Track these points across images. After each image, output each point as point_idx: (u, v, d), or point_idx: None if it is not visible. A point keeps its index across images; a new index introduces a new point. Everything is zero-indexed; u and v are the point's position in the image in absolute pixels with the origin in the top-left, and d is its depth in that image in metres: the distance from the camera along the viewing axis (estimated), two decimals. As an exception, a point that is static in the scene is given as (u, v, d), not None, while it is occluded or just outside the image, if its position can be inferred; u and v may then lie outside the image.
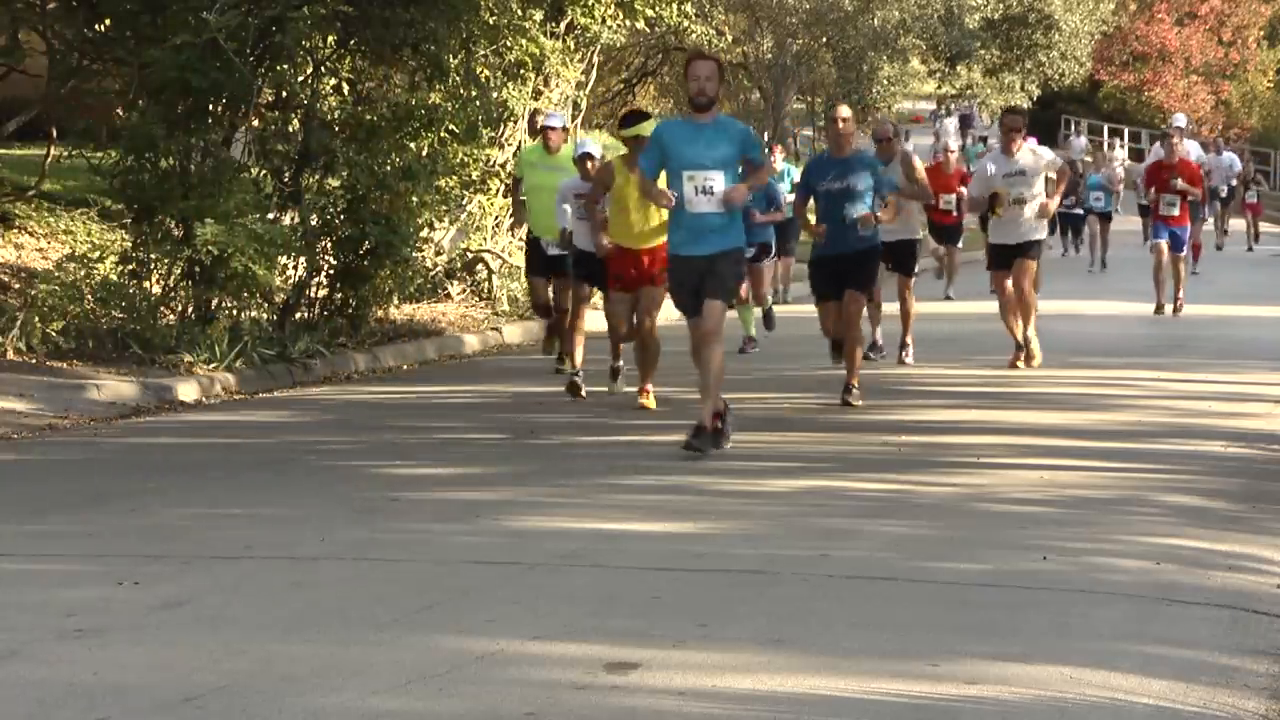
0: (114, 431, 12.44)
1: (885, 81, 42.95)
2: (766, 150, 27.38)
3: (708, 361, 10.77)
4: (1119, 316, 20.78)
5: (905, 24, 42.47)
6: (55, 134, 17.79)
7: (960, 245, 25.47)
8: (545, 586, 7.15)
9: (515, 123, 21.35)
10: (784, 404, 13.22)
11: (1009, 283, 15.52)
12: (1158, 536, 8.14)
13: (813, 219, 13.59)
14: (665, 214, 11.45)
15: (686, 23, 27.30)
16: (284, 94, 17.05)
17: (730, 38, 41.28)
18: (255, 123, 16.76)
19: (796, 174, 24.71)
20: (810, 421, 12.44)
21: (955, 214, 23.61)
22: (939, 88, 49.83)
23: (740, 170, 10.94)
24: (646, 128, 12.50)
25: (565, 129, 15.80)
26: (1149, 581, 7.22)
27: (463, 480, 9.49)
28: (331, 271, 17.10)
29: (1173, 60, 56.94)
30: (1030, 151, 15.61)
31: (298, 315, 16.78)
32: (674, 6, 23.07)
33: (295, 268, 16.94)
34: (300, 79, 17.06)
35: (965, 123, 51.70)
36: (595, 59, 23.56)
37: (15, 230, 17.70)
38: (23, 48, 17.42)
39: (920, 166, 16.11)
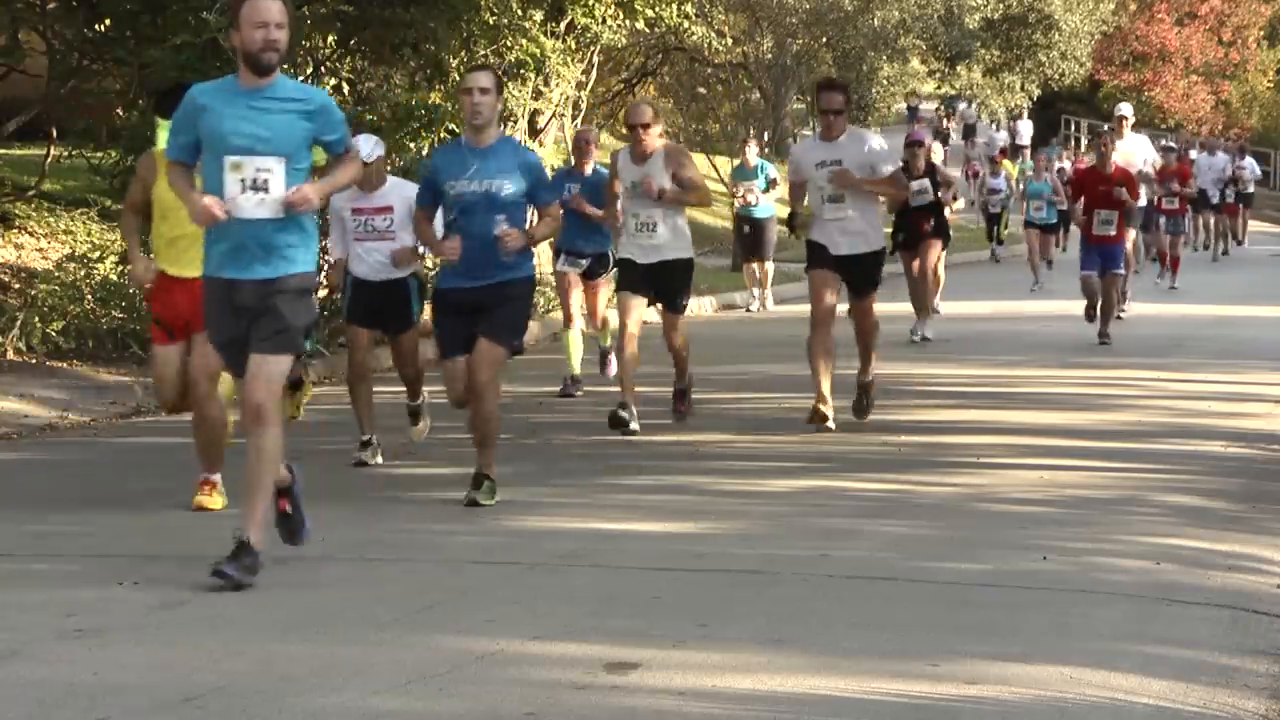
0: (114, 431, 12.44)
1: (885, 81, 42.93)
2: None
3: (257, 444, 7.33)
4: (1116, 317, 20.71)
5: (905, 24, 42.44)
6: (55, 134, 17.77)
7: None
8: (545, 586, 7.15)
9: (515, 123, 21.34)
10: (783, 404, 13.20)
11: (843, 311, 12.21)
12: (1158, 536, 8.15)
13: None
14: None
15: (686, 23, 27.26)
16: (284, 94, 17.04)
17: (730, 38, 41.25)
18: (255, 123, 16.73)
19: (773, 171, 24.10)
20: (810, 421, 12.42)
21: None
22: (939, 88, 49.79)
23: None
24: None
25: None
26: (1149, 581, 7.23)
27: (463, 480, 9.46)
28: (331, 271, 17.09)
29: (1173, 60, 56.88)
30: (858, 139, 12.00)
31: (298, 315, 16.75)
32: (674, 6, 23.03)
33: (295, 267, 16.90)
34: (300, 79, 17.05)
35: (969, 132, 50.96)
36: (595, 59, 23.55)
37: (15, 230, 17.68)
38: (23, 48, 17.40)
39: (691, 163, 12.14)
